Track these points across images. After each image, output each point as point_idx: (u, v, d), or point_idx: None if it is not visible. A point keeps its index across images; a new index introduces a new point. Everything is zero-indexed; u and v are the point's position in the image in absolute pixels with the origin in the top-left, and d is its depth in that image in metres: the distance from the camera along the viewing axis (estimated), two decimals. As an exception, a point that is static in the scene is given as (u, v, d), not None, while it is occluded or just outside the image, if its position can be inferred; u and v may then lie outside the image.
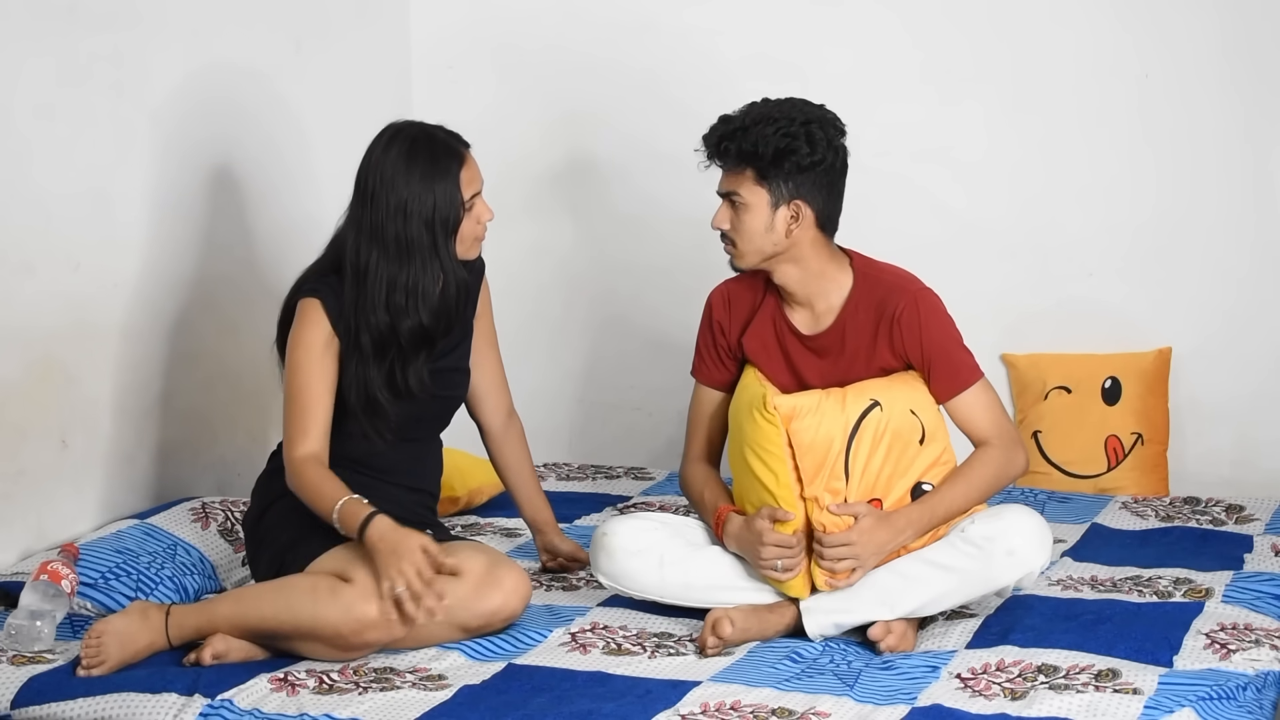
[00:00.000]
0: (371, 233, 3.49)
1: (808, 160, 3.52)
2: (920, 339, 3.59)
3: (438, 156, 3.51)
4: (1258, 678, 3.21)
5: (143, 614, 3.38)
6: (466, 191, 3.53)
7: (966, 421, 3.63)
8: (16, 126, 3.83)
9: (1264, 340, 4.70)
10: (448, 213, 3.50)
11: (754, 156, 3.52)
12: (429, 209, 3.48)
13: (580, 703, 3.16)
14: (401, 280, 3.48)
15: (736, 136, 3.54)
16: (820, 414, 3.50)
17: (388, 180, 3.49)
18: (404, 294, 3.48)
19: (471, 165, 3.56)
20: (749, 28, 4.98)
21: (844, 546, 3.45)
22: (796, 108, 3.57)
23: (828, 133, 3.55)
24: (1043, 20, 4.79)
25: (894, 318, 3.58)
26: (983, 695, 3.16)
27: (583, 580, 3.88)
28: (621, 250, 5.14)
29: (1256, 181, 4.68)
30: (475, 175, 3.57)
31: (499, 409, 3.87)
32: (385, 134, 3.56)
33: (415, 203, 3.48)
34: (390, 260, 3.48)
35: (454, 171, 3.51)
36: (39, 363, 3.90)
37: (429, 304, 3.51)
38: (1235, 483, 4.66)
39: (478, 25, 5.19)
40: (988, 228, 4.86)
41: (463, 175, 3.52)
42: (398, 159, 3.50)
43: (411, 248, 3.48)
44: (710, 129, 3.59)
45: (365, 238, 3.50)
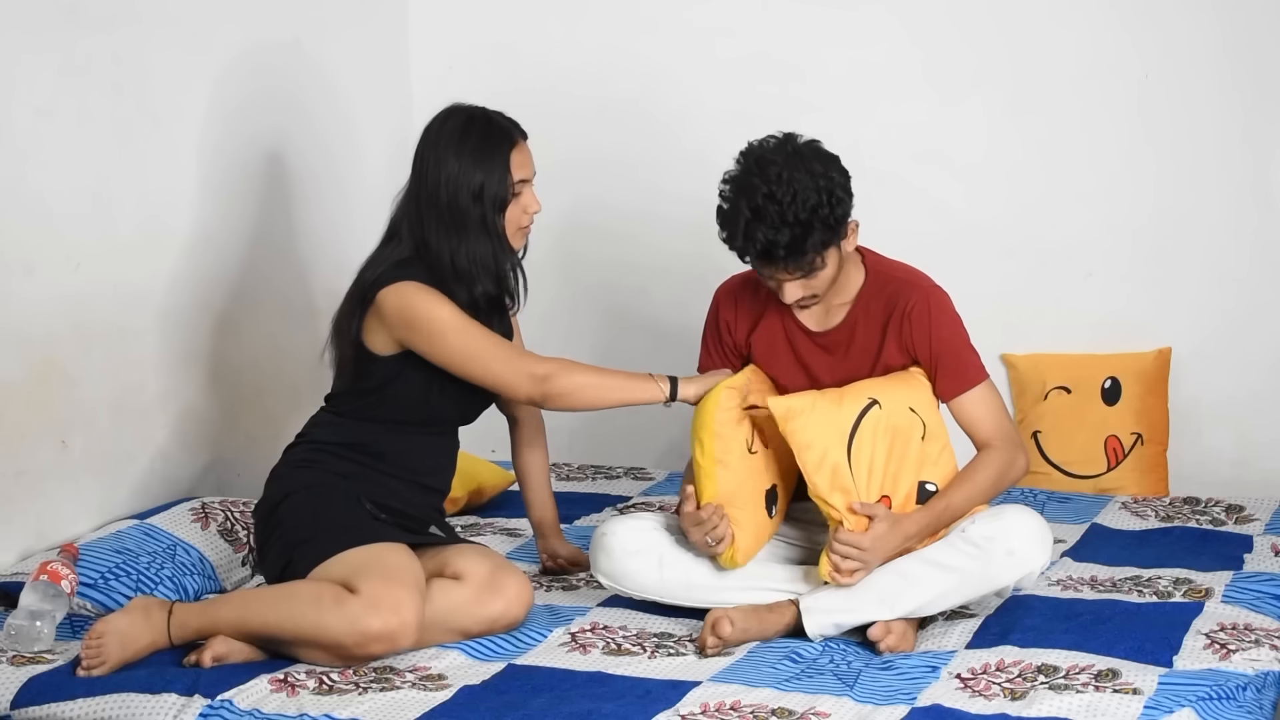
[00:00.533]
0: (427, 204, 3.55)
1: (844, 209, 3.52)
2: (930, 336, 3.60)
3: (491, 134, 3.57)
4: (1257, 678, 3.21)
5: (145, 612, 3.37)
6: (516, 174, 3.58)
7: (969, 422, 3.64)
8: (16, 127, 3.83)
9: (1264, 340, 4.70)
10: (496, 189, 3.55)
11: (811, 248, 3.49)
12: (477, 183, 3.54)
13: (580, 703, 3.15)
14: (462, 250, 3.54)
15: (791, 251, 3.48)
16: (816, 412, 3.50)
17: (440, 154, 3.55)
18: (467, 261, 3.54)
19: (524, 151, 3.62)
20: (749, 28, 4.98)
21: (855, 549, 3.45)
22: (796, 177, 3.48)
23: (831, 171, 3.52)
24: (1043, 21, 4.79)
25: (904, 314, 3.60)
26: (982, 695, 3.16)
27: (583, 580, 3.89)
28: (622, 250, 5.14)
29: (1256, 182, 4.68)
30: (527, 161, 3.62)
31: (520, 408, 3.88)
32: (444, 111, 3.63)
33: (465, 175, 3.54)
34: (446, 231, 3.54)
35: (505, 151, 3.57)
36: (39, 363, 3.90)
37: (492, 273, 3.57)
38: (1235, 483, 4.66)
39: (478, 25, 5.19)
40: (988, 228, 4.86)
41: (514, 157, 3.58)
42: (452, 133, 3.56)
43: (464, 219, 3.54)
44: (754, 252, 3.50)
45: (422, 209, 3.56)
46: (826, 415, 3.51)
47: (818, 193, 3.47)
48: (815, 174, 3.49)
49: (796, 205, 3.45)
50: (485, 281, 3.57)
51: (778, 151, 3.53)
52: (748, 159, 3.56)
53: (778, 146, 3.55)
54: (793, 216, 3.45)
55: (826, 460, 3.49)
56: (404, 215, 3.60)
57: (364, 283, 3.58)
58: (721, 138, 4.98)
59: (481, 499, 4.52)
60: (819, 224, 3.47)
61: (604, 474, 4.89)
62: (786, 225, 3.45)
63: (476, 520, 4.41)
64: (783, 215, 3.45)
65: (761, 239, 3.47)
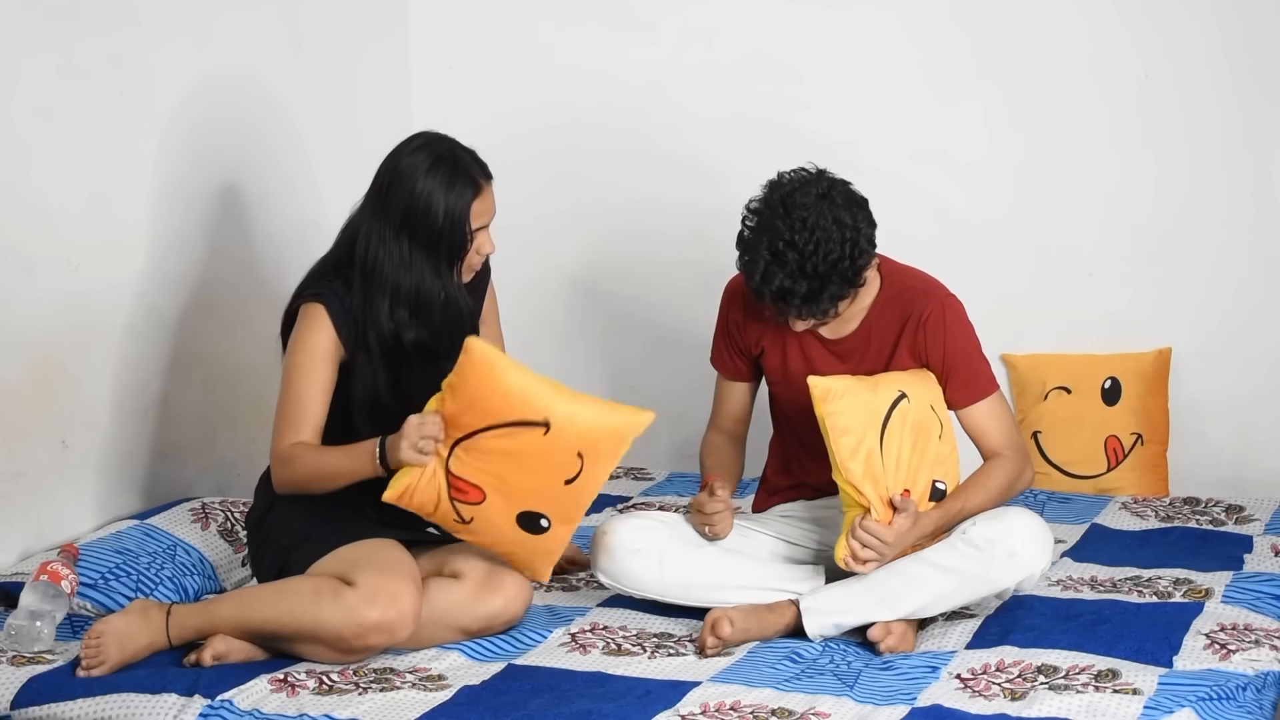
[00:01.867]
0: (381, 236, 3.49)
1: (865, 260, 3.49)
2: (944, 345, 3.60)
3: (456, 182, 3.49)
4: (1257, 678, 3.21)
5: (143, 613, 3.37)
6: (475, 223, 3.52)
7: (979, 431, 3.65)
8: (16, 127, 3.82)
9: (1263, 340, 4.70)
10: (453, 238, 3.49)
11: (827, 300, 3.48)
12: (435, 230, 3.47)
13: (580, 703, 3.16)
14: (406, 287, 3.48)
15: (806, 301, 3.46)
16: (853, 398, 3.49)
17: (403, 191, 3.48)
18: (408, 306, 3.48)
19: (486, 198, 3.55)
20: (748, 28, 4.98)
21: (877, 541, 3.45)
22: (822, 225, 3.44)
23: (859, 221, 3.49)
24: (1043, 20, 4.79)
25: (920, 323, 3.60)
26: (982, 695, 3.16)
27: (583, 580, 3.89)
28: (622, 251, 5.14)
29: (1256, 182, 4.68)
30: (488, 208, 3.55)
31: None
32: (414, 142, 3.55)
33: (424, 219, 3.47)
34: (396, 266, 3.47)
35: (467, 199, 3.50)
36: (39, 363, 3.90)
37: (431, 321, 3.51)
38: (1235, 483, 4.66)
39: (478, 26, 5.18)
40: (988, 228, 4.86)
41: (475, 206, 3.51)
42: (416, 173, 3.48)
43: (415, 261, 3.48)
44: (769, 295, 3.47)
45: (375, 237, 3.49)
46: (863, 401, 3.50)
47: (841, 244, 3.44)
48: (843, 224, 3.45)
49: (818, 257, 3.42)
50: (422, 329, 3.50)
51: (806, 192, 3.48)
52: (774, 193, 3.51)
53: (807, 185, 3.50)
54: (811, 268, 3.42)
55: (862, 447, 3.47)
56: (355, 232, 3.53)
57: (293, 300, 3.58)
58: (721, 137, 5.02)
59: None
60: (837, 278, 3.45)
61: (604, 474, 4.88)
62: (804, 276, 3.43)
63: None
64: (802, 265, 3.43)
65: (777, 285, 3.45)
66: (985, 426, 3.64)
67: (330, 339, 3.50)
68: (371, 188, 3.54)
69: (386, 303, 3.47)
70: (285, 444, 3.48)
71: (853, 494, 3.48)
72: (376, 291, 3.47)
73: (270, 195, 4.59)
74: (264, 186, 4.57)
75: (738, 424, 3.84)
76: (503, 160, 5.14)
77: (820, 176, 3.53)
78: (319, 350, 3.50)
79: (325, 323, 3.50)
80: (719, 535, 3.62)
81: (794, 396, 3.69)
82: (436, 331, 3.52)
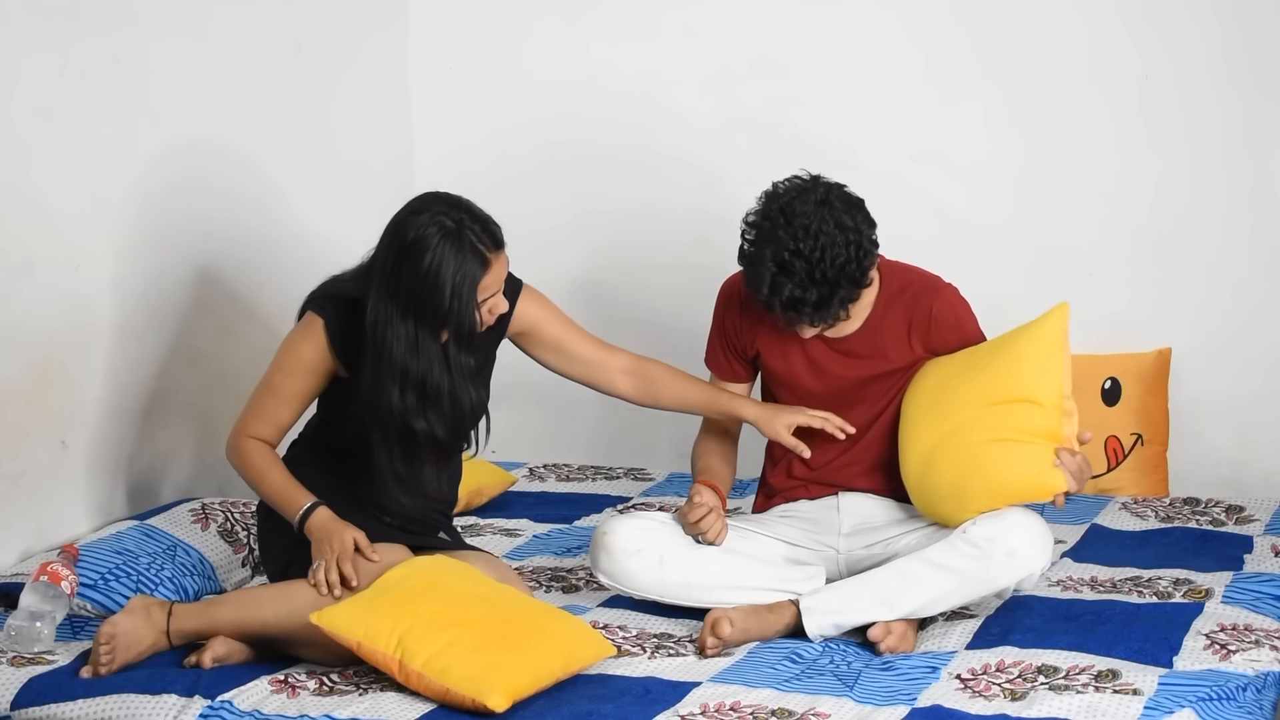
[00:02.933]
0: (389, 316, 3.39)
1: (870, 260, 3.51)
2: (960, 334, 3.66)
3: (464, 261, 3.36)
4: (1257, 678, 3.21)
5: (146, 613, 3.37)
6: (483, 294, 3.42)
7: None
8: (16, 127, 3.83)
9: (1263, 341, 4.70)
10: (461, 320, 3.39)
11: (838, 304, 3.50)
12: (442, 311, 3.37)
13: (580, 703, 3.15)
14: (414, 374, 3.39)
15: (818, 308, 3.48)
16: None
17: (409, 272, 3.35)
18: (416, 393, 3.41)
19: (497, 269, 3.43)
20: (748, 27, 4.98)
21: (1083, 465, 3.54)
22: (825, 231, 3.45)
23: (860, 223, 3.50)
24: (1043, 20, 4.79)
25: (930, 316, 3.62)
26: (982, 696, 3.16)
27: (583, 580, 3.89)
28: (621, 250, 5.14)
29: (1256, 182, 4.68)
30: (497, 279, 3.44)
31: (616, 379, 3.77)
32: (421, 215, 3.39)
33: (430, 301, 3.36)
34: (405, 349, 3.39)
35: (475, 279, 3.38)
36: (39, 363, 3.90)
37: (442, 413, 3.43)
38: (1235, 483, 4.66)
39: (478, 25, 5.18)
40: (987, 228, 4.86)
41: (484, 281, 3.41)
42: (424, 251, 3.35)
43: (423, 344, 3.40)
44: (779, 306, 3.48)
45: (384, 316, 3.39)
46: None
47: (846, 248, 3.45)
48: (845, 228, 3.46)
49: (825, 263, 3.43)
50: (431, 422, 3.42)
51: (805, 199, 3.48)
52: (772, 204, 3.50)
53: (804, 193, 3.50)
54: (820, 275, 3.44)
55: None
56: (368, 288, 3.42)
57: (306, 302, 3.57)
58: (721, 138, 5.02)
59: (481, 499, 4.52)
60: (846, 281, 3.47)
61: (604, 474, 4.89)
62: (814, 284, 3.44)
63: (476, 521, 4.41)
64: (810, 273, 3.44)
65: (787, 295, 3.46)
66: None
67: (321, 354, 3.49)
68: (378, 256, 3.42)
69: (396, 387, 3.40)
70: (246, 433, 3.52)
71: (1058, 431, 3.49)
72: (386, 371, 3.40)
73: (270, 196, 4.59)
74: (264, 187, 4.57)
75: (731, 425, 3.84)
76: (501, 160, 5.20)
77: (816, 182, 3.54)
78: (306, 361, 3.50)
79: (319, 337, 3.49)
80: (712, 540, 3.62)
81: (797, 397, 3.70)
82: (447, 427, 3.45)
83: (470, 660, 3.14)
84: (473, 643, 3.17)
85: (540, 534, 4.30)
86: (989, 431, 3.52)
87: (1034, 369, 3.54)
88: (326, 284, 3.57)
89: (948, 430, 3.54)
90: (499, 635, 3.20)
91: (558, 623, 3.34)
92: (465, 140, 5.19)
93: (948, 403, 3.57)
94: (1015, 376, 3.54)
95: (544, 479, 4.87)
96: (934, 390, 3.61)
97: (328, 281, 3.57)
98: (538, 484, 4.82)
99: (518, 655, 3.17)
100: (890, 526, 3.70)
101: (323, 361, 3.50)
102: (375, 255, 3.44)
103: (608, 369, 3.77)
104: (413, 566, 3.36)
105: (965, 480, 3.52)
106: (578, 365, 3.75)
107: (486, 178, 5.13)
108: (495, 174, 5.17)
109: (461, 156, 5.15)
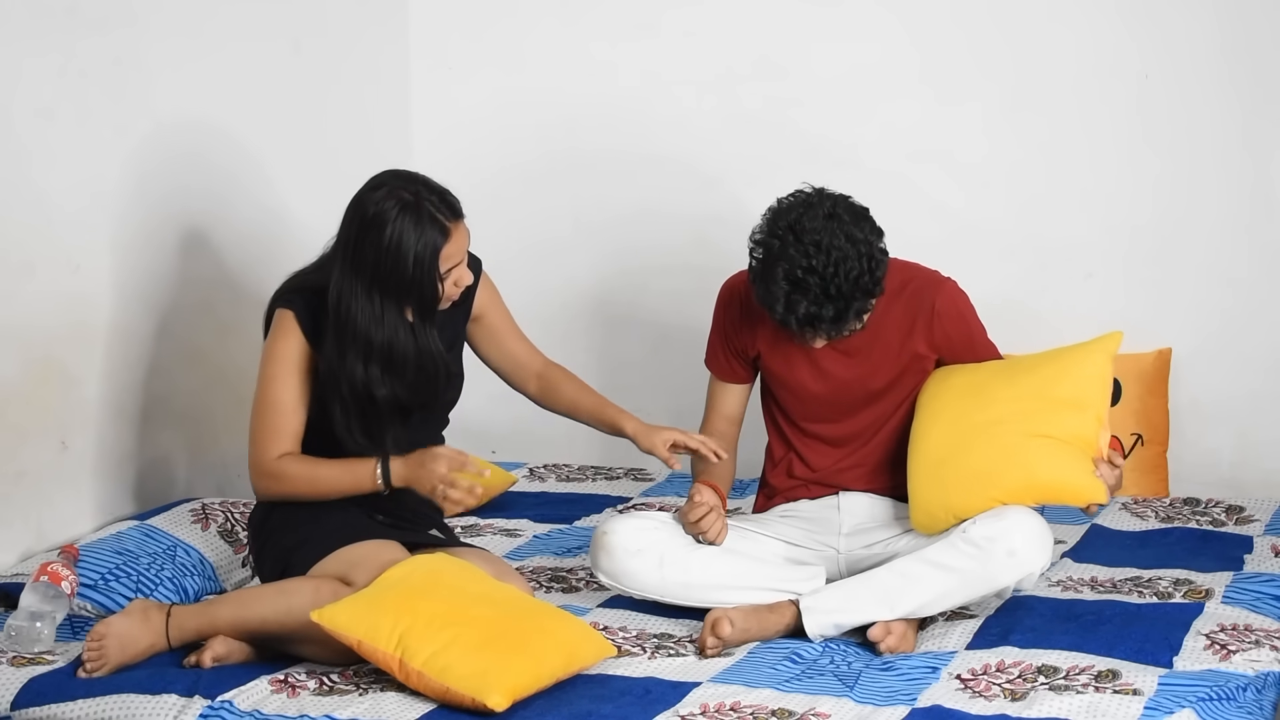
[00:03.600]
0: (353, 290, 3.44)
1: (882, 269, 3.51)
2: (965, 329, 3.68)
3: (423, 231, 3.41)
4: (1258, 678, 3.21)
5: (144, 614, 3.37)
6: (446, 265, 3.46)
7: None
8: (16, 127, 3.83)
9: (1263, 340, 4.70)
10: (424, 288, 3.44)
11: (854, 315, 3.51)
12: (406, 281, 3.42)
13: (580, 703, 3.16)
14: (379, 343, 3.44)
15: (835, 322, 3.49)
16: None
17: (371, 245, 3.41)
18: (380, 362, 3.45)
19: (456, 239, 3.46)
20: (748, 27, 4.98)
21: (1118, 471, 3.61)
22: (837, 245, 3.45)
23: (869, 234, 3.50)
24: (1043, 20, 4.79)
25: (933, 312, 3.63)
26: (983, 696, 3.16)
27: (583, 581, 3.89)
28: (621, 250, 5.14)
29: (1256, 182, 4.68)
30: (459, 248, 3.48)
31: (529, 380, 3.82)
32: (379, 190, 3.45)
33: (394, 272, 3.41)
34: (369, 321, 3.44)
35: (437, 247, 3.43)
36: (39, 363, 3.90)
37: (405, 378, 3.48)
38: (1235, 483, 4.66)
39: (478, 25, 5.18)
40: (987, 228, 4.86)
41: (444, 251, 3.44)
42: (383, 225, 3.40)
43: (388, 315, 3.44)
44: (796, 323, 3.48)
45: (348, 291, 3.44)
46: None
47: (859, 260, 3.46)
48: (855, 240, 3.46)
49: (839, 278, 3.44)
50: (394, 386, 3.47)
51: (813, 215, 3.48)
52: (779, 221, 3.49)
53: (811, 208, 3.49)
54: (835, 289, 3.44)
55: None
56: (329, 271, 3.47)
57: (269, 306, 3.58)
58: (722, 137, 5.02)
59: (482, 499, 4.52)
60: (860, 293, 3.48)
61: (604, 474, 4.89)
62: (830, 299, 3.45)
63: (476, 521, 4.41)
64: (825, 289, 3.44)
65: (804, 312, 3.46)
66: None
67: (300, 345, 3.50)
68: (340, 235, 3.48)
69: (360, 359, 3.44)
70: (269, 456, 3.49)
71: (1095, 441, 3.55)
72: (350, 346, 3.44)
73: (271, 196, 4.59)
74: (265, 187, 4.57)
75: (730, 425, 3.84)
76: (502, 159, 5.19)
77: (821, 196, 3.54)
78: (289, 358, 3.51)
79: (295, 330, 3.50)
80: (713, 540, 3.62)
81: (799, 399, 3.70)
82: (410, 388, 3.49)
83: (471, 659, 3.14)
84: (473, 642, 3.17)
85: (540, 534, 4.30)
86: (1037, 425, 3.54)
87: (1084, 377, 3.60)
88: (289, 280, 3.60)
89: (990, 418, 3.56)
90: (499, 635, 3.20)
91: (558, 622, 3.34)
92: (464, 140, 5.19)
93: (989, 394, 3.59)
94: (1065, 380, 3.59)
95: (544, 479, 4.87)
96: (971, 384, 3.63)
97: (289, 278, 3.60)
98: (538, 484, 4.82)
99: (518, 655, 3.17)
100: (890, 526, 3.71)
101: (305, 354, 3.51)
102: (337, 237, 3.49)
103: (528, 369, 3.81)
104: (413, 565, 3.36)
105: (999, 468, 3.53)
106: (507, 360, 3.80)
107: (486, 177, 5.14)
108: (494, 174, 5.17)
109: (461, 157, 5.15)
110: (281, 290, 3.58)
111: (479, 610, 3.27)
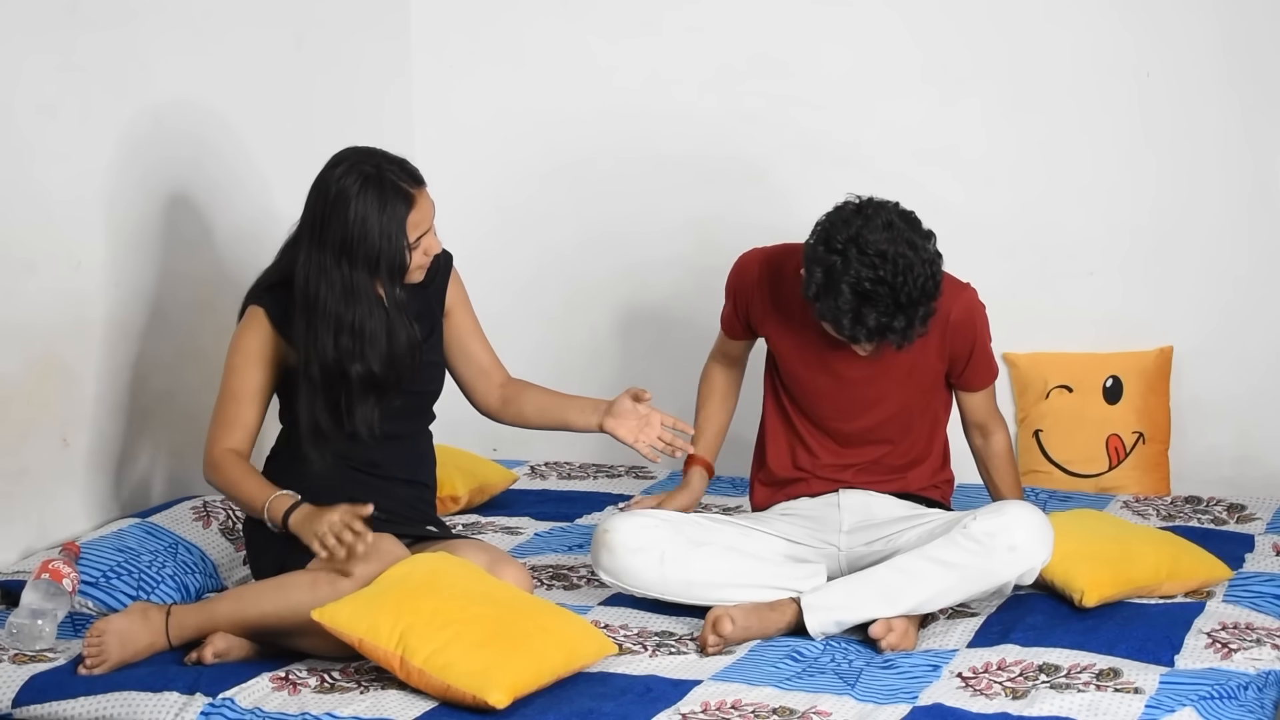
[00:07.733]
0: (321, 265, 3.45)
1: (941, 275, 3.54)
2: (975, 341, 3.71)
3: (387, 200, 3.44)
4: (1259, 677, 3.21)
5: (143, 614, 3.38)
6: (413, 234, 3.47)
7: (977, 407, 3.84)
8: (18, 125, 3.83)
9: (1265, 338, 4.70)
10: (392, 257, 3.45)
11: (921, 322, 3.51)
12: (374, 252, 3.44)
13: (581, 701, 3.16)
14: (348, 320, 3.45)
15: (904, 331, 3.48)
16: None
17: (337, 219, 3.44)
18: (351, 337, 3.45)
19: (421, 206, 3.48)
20: (749, 28, 4.98)
21: None
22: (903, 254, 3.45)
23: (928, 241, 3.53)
24: (1042, 20, 4.79)
25: (948, 320, 3.64)
26: (984, 694, 3.16)
27: (584, 579, 3.89)
28: (621, 250, 5.13)
29: (1256, 180, 4.68)
30: (425, 216, 3.50)
31: (491, 390, 3.77)
32: (340, 165, 3.49)
33: (362, 244, 3.43)
34: (338, 296, 3.45)
35: (403, 215, 3.45)
36: (40, 361, 3.90)
37: (378, 351, 3.47)
38: (1236, 482, 4.66)
39: (478, 25, 5.18)
40: (988, 226, 4.85)
41: (410, 219, 3.46)
42: (347, 197, 3.43)
43: (357, 290, 3.45)
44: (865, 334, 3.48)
45: (315, 267, 3.46)
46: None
47: (923, 266, 3.47)
48: (916, 246, 3.47)
49: (909, 286, 3.43)
50: (367, 360, 3.46)
51: (872, 226, 3.46)
52: (837, 235, 3.47)
53: (868, 219, 3.48)
54: (905, 298, 3.44)
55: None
56: (294, 259, 3.49)
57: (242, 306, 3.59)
58: (722, 135, 5.02)
59: (483, 497, 4.52)
60: (926, 299, 3.48)
61: (605, 472, 4.89)
62: (900, 309, 3.44)
63: (478, 519, 4.41)
64: (895, 298, 3.44)
65: (874, 323, 3.45)
66: (986, 403, 3.83)
67: (265, 340, 3.52)
68: (304, 217, 3.50)
69: (330, 334, 3.45)
70: (217, 446, 3.51)
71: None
72: (319, 322, 3.45)
73: (272, 193, 4.59)
74: (266, 185, 4.57)
75: (741, 356, 3.95)
76: (503, 158, 5.19)
77: (874, 205, 3.52)
78: (252, 352, 3.52)
79: (263, 324, 3.52)
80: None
81: (805, 392, 3.71)
82: (383, 363, 3.49)
83: (471, 657, 3.14)
84: (474, 640, 3.18)
85: (541, 532, 4.30)
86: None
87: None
88: (257, 280, 3.62)
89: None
90: (500, 632, 3.21)
91: (559, 620, 3.34)
92: (465, 138, 5.19)
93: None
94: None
95: (545, 477, 4.87)
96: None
97: (258, 278, 3.62)
98: (539, 482, 4.82)
99: (519, 652, 3.17)
100: (891, 523, 3.71)
101: (271, 348, 3.52)
102: (301, 221, 3.51)
103: (491, 379, 3.77)
104: (414, 564, 3.36)
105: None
106: (470, 366, 3.76)
107: (486, 176, 5.14)
108: (495, 172, 5.16)
109: (462, 155, 5.15)
110: (252, 290, 3.60)
111: (480, 608, 3.27)
